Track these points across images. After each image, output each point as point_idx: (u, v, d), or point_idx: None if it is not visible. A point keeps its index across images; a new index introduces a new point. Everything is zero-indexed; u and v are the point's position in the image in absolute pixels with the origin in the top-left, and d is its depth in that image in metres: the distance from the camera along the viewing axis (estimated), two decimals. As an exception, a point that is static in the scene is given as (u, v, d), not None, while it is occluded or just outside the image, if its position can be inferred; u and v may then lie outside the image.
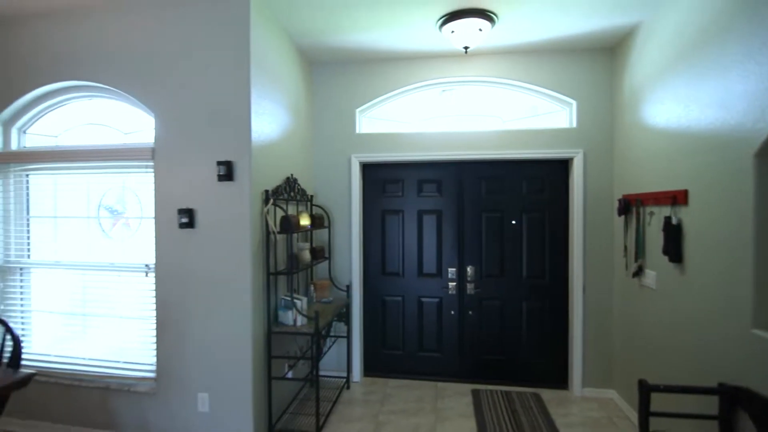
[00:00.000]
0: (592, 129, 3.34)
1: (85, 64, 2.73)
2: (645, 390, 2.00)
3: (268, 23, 2.75)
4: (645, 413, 1.99)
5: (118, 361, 2.79)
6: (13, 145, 3.02)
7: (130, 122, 2.90)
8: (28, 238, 3.03)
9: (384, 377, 3.71)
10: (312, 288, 3.27)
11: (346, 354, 3.58)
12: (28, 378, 1.67)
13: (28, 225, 3.04)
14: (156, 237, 2.63)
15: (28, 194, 3.04)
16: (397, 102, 3.67)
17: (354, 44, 3.25)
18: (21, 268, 3.00)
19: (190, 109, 2.56)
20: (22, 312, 2.99)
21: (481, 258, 3.58)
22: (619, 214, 3.05)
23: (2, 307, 2.97)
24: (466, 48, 2.95)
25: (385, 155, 3.56)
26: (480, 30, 2.85)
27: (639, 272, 2.84)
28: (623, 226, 3.10)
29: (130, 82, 2.65)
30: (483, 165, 3.56)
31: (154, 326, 2.66)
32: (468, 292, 3.58)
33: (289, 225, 2.72)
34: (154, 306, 2.66)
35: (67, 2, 2.64)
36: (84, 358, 2.83)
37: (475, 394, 3.37)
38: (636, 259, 2.86)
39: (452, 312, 3.62)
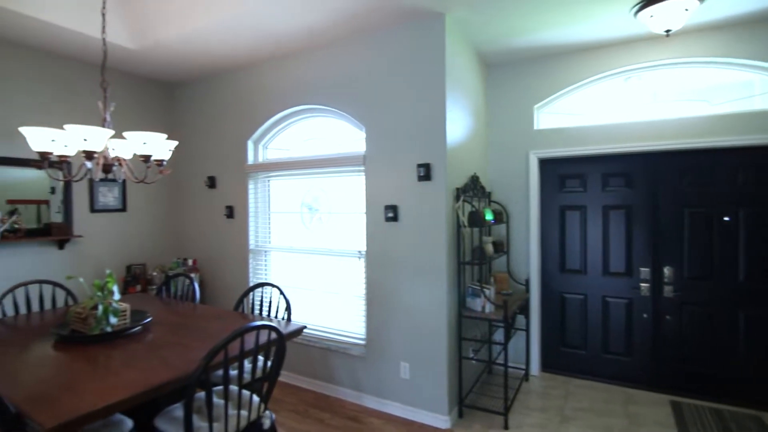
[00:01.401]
0: None
1: (310, 91, 3.44)
2: None
3: (457, 38, 3.03)
4: None
5: (335, 329, 3.44)
6: (260, 158, 3.97)
7: (341, 135, 3.54)
8: (269, 228, 3.96)
9: (563, 375, 3.68)
10: (492, 280, 3.46)
11: (525, 347, 3.66)
12: (301, 329, 2.28)
13: (269, 218, 3.96)
14: (366, 228, 3.17)
15: (269, 195, 3.97)
16: (576, 95, 3.58)
17: (534, 42, 3.30)
18: (265, 251, 3.94)
19: (394, 120, 3.01)
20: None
21: (682, 258, 3.24)
22: None
23: (254, 280, 3.94)
24: (667, 31, 2.74)
25: (565, 150, 3.52)
26: (686, 10, 2.62)
27: None
28: None
29: (346, 103, 3.25)
30: (683, 155, 3.22)
31: (364, 302, 3.21)
32: (665, 294, 3.29)
33: (476, 219, 2.96)
34: (364, 285, 3.21)
35: (295, 47, 3.37)
36: (310, 324, 3.58)
37: (676, 406, 3.09)
38: None
39: (644, 315, 3.37)
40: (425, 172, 2.86)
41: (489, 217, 3.15)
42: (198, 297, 2.98)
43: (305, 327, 2.33)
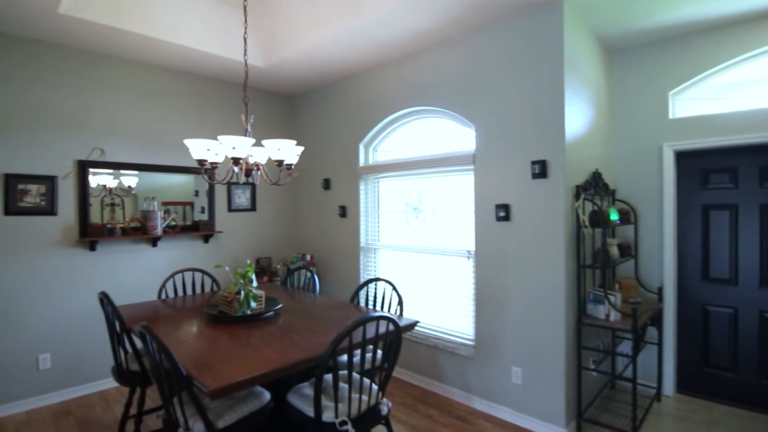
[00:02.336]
0: None
1: (418, 93, 3.51)
2: None
3: (576, 25, 2.83)
4: None
5: (442, 327, 3.46)
6: (370, 161, 4.17)
7: (447, 135, 3.54)
8: (378, 227, 4.13)
9: (704, 399, 3.20)
10: (617, 286, 3.15)
11: (657, 363, 3.27)
12: (414, 324, 2.35)
13: (378, 218, 4.14)
14: (475, 228, 3.13)
15: (378, 195, 4.14)
16: (722, 78, 3.09)
17: (666, 21, 2.93)
18: (374, 249, 4.11)
19: (506, 117, 2.93)
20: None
21: None
22: None
23: (364, 275, 4.14)
24: None
25: (709, 141, 3.06)
26: None
27: None
28: None
29: (454, 101, 3.25)
30: None
31: (473, 302, 3.18)
32: None
33: (599, 219, 2.74)
34: (473, 285, 3.17)
35: (404, 52, 3.46)
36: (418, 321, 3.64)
37: None
38: None
39: (821, 337, 2.78)
40: (540, 169, 2.72)
41: (614, 217, 2.89)
42: (318, 289, 3.23)
43: (418, 322, 2.39)
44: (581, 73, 2.91)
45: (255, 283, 2.54)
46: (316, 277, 3.28)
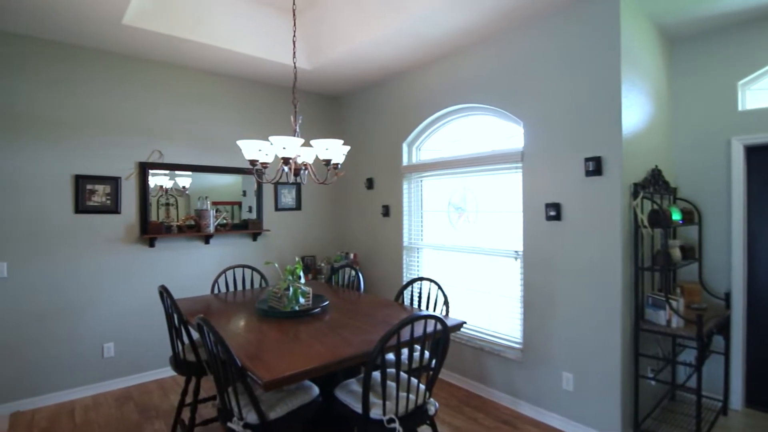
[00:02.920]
0: None
1: (463, 91, 3.46)
2: None
3: (633, 13, 2.69)
4: None
5: (488, 329, 3.39)
6: (413, 160, 4.15)
7: (492, 132, 3.46)
8: (421, 226, 4.10)
9: (779, 416, 2.93)
10: (679, 291, 2.96)
11: (723, 374, 3.03)
12: (460, 324, 2.31)
13: (421, 217, 4.11)
14: (524, 228, 3.04)
15: (421, 194, 4.12)
16: (807, 63, 2.82)
17: (735, 5, 2.71)
18: (417, 248, 4.09)
19: (557, 112, 2.83)
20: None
21: None
22: None
23: (406, 274, 4.13)
24: None
25: (786, 134, 2.81)
26: None
27: None
28: None
29: (501, 98, 3.17)
30: None
31: (520, 304, 3.09)
32: None
33: (659, 219, 2.58)
34: (521, 287, 3.08)
35: (449, 49, 3.41)
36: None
37: None
38: None
39: None
40: (595, 167, 2.60)
41: (676, 216, 2.72)
42: (362, 287, 3.26)
43: (465, 323, 2.35)
44: (639, 64, 2.75)
45: (303, 280, 2.59)
46: (360, 275, 3.30)
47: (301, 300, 2.48)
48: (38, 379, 3.21)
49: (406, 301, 3.35)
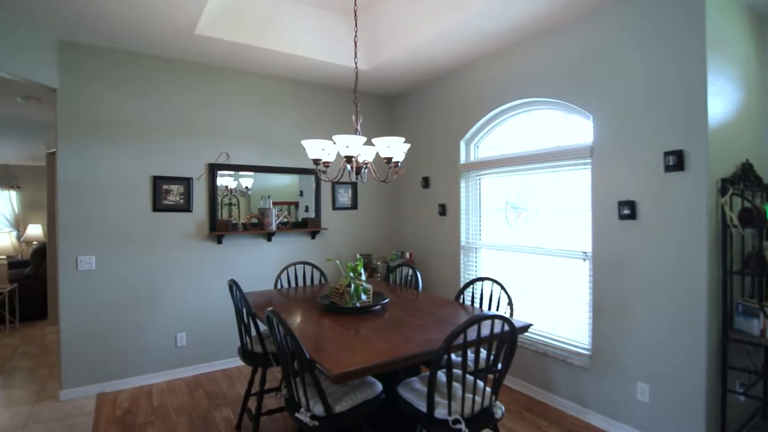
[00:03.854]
0: None
1: (524, 85, 3.33)
2: None
3: (723, -9, 2.45)
4: None
5: (553, 334, 3.24)
6: (471, 158, 4.07)
7: (556, 128, 3.31)
8: (479, 225, 4.01)
9: None
10: (774, 298, 2.66)
11: (829, 393, 2.70)
12: (527, 326, 2.23)
13: (479, 216, 4.02)
14: (593, 227, 2.87)
15: (479, 193, 4.02)
16: None
17: None
18: (475, 248, 4.00)
19: (631, 104, 2.64)
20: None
21: None
22: None
23: (464, 275, 4.06)
24: None
25: None
26: None
27: None
28: None
29: (567, 90, 3.02)
30: None
31: (589, 308, 2.92)
32: None
33: (752, 218, 2.34)
34: (590, 290, 2.91)
35: (510, 41, 3.30)
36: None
37: None
38: None
39: None
40: (676, 161, 2.40)
41: (772, 215, 2.44)
42: (420, 286, 3.23)
43: (531, 325, 2.26)
44: (726, 47, 2.51)
45: (364, 277, 2.62)
46: (418, 274, 3.28)
47: (363, 297, 2.51)
48: (121, 364, 3.50)
49: (466, 301, 3.28)
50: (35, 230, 8.07)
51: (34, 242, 7.98)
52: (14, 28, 2.98)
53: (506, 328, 1.88)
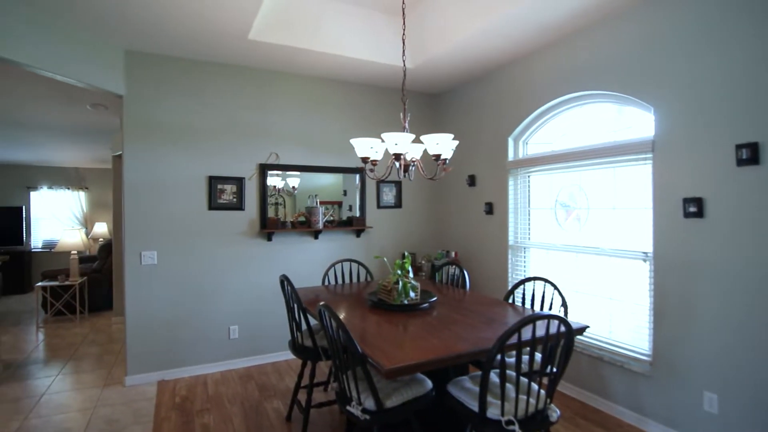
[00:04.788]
0: None
1: (577, 78, 3.20)
2: None
3: (807, -32, 2.24)
4: None
5: (609, 338, 3.09)
6: (520, 154, 3.96)
7: (613, 122, 3.15)
8: (528, 224, 3.89)
9: None
10: None
11: None
12: (584, 328, 2.14)
13: (528, 215, 3.90)
14: (654, 226, 2.71)
15: (528, 191, 3.91)
16: None
17: None
18: (524, 248, 3.90)
19: (697, 95, 2.47)
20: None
21: None
22: None
23: (512, 274, 3.96)
24: None
25: None
26: None
27: None
28: None
29: (625, 83, 2.87)
30: None
31: (649, 312, 2.76)
32: None
33: (841, 216, 2.11)
34: (650, 292, 2.76)
35: (561, 33, 3.18)
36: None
37: None
38: None
39: None
40: (750, 154, 2.22)
41: None
42: (468, 285, 3.19)
43: (588, 326, 2.17)
44: (811, 31, 2.29)
45: (411, 275, 2.62)
46: (466, 273, 3.24)
47: (411, 294, 2.51)
48: (179, 354, 3.70)
49: (516, 302, 3.21)
50: (101, 228, 8.71)
51: (100, 239, 8.62)
52: (85, 41, 3.23)
53: (562, 329, 1.82)
